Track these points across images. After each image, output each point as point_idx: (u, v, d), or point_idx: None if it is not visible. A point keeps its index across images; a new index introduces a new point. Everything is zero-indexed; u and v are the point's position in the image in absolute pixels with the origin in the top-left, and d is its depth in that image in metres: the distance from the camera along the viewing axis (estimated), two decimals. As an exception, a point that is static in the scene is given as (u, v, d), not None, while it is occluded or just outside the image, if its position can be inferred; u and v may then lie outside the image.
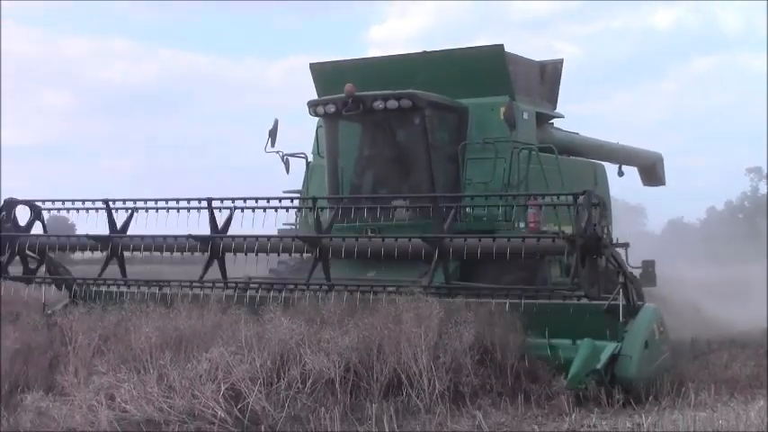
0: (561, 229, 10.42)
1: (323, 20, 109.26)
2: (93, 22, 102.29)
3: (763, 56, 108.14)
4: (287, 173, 13.31)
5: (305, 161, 13.46)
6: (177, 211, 10.68)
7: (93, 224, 11.06)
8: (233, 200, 10.42)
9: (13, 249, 11.18)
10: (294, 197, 11.25)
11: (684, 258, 22.87)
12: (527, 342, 8.84)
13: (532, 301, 9.25)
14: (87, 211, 11.16)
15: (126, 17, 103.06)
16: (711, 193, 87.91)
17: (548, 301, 9.33)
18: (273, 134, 12.98)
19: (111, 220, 10.87)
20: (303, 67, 14.03)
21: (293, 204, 10.78)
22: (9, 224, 11.31)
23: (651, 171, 17.56)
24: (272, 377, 7.92)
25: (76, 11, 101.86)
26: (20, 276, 11.34)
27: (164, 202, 10.78)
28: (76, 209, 11.30)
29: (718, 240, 33.94)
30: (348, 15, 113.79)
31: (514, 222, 11.76)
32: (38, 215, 11.47)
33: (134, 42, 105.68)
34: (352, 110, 11.79)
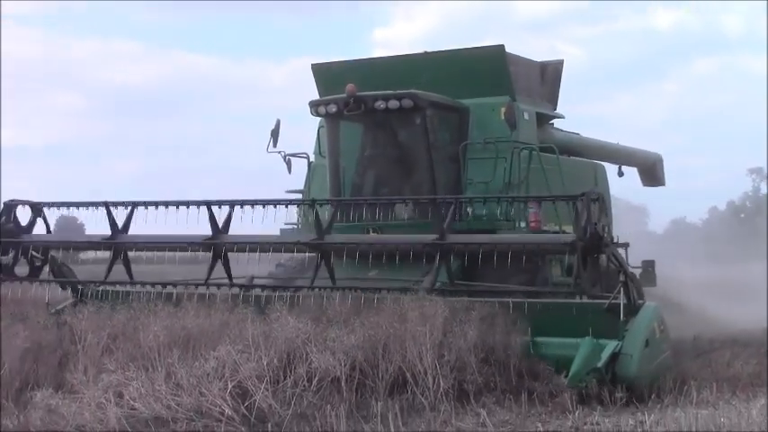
0: (562, 228, 10.46)
1: (327, 22, 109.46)
2: (98, 23, 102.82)
3: (764, 57, 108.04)
4: (289, 173, 13.31)
5: (307, 161, 13.43)
6: (177, 207, 10.62)
7: (102, 224, 11.01)
8: (231, 203, 10.38)
9: (16, 250, 11.19)
10: (295, 199, 11.26)
11: (686, 258, 22.88)
12: (527, 341, 8.83)
13: (535, 301, 9.24)
14: (88, 208, 11.12)
15: (130, 19, 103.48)
16: (713, 194, 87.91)
17: (551, 300, 9.33)
18: (275, 134, 12.96)
19: (112, 219, 10.84)
20: (307, 69, 13.90)
21: (290, 201, 10.76)
22: (11, 225, 11.27)
23: (651, 171, 17.48)
24: (278, 375, 7.93)
25: (81, 13, 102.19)
26: (23, 277, 11.32)
27: (164, 206, 10.73)
28: (76, 205, 11.29)
29: (720, 240, 33.92)
30: (352, 17, 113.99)
31: (515, 222, 11.75)
32: (37, 214, 11.42)
33: (138, 44, 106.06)
34: (354, 110, 11.77)
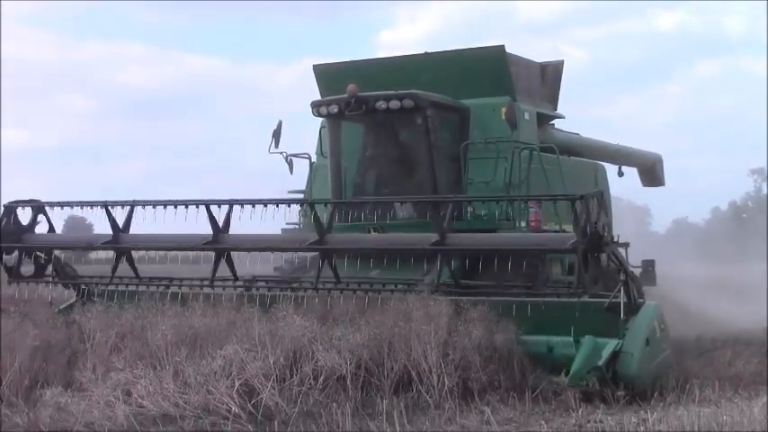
0: (563, 228, 10.42)
1: (332, 24, 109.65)
2: (106, 26, 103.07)
3: (764, 58, 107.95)
4: (291, 173, 13.23)
5: (308, 161, 13.34)
6: (175, 207, 10.47)
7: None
8: (230, 203, 10.28)
9: (20, 253, 11.17)
10: (292, 199, 11.22)
11: (687, 258, 22.80)
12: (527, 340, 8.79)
13: (538, 300, 9.21)
14: (92, 208, 10.98)
15: (138, 22, 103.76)
16: (716, 194, 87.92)
17: (555, 299, 9.30)
18: (277, 135, 12.89)
19: (112, 220, 10.74)
20: (311, 71, 13.85)
21: (288, 201, 10.70)
22: (11, 226, 11.13)
23: (650, 172, 17.35)
24: (284, 374, 7.93)
25: (89, 15, 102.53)
26: (29, 277, 11.31)
27: (162, 206, 10.60)
28: (71, 205, 11.19)
29: (721, 240, 33.80)
30: (359, 20, 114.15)
31: (515, 222, 11.68)
32: (38, 212, 11.28)
33: (146, 46, 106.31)
34: (355, 110, 11.69)
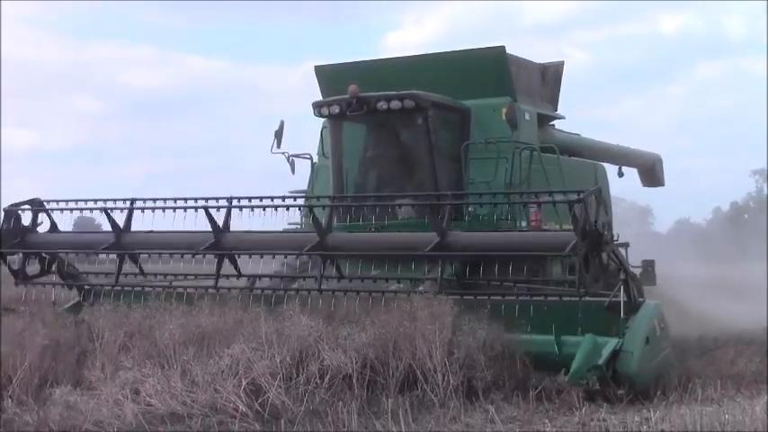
0: (563, 227, 10.40)
1: (338, 27, 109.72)
2: (114, 28, 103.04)
3: (764, 59, 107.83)
4: (292, 173, 13.20)
5: (310, 162, 13.31)
6: (174, 211, 10.52)
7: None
8: (229, 207, 10.28)
9: (24, 256, 11.18)
10: (290, 196, 11.18)
11: (688, 258, 22.77)
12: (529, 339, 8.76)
13: (540, 300, 9.21)
14: (92, 211, 11.11)
15: (145, 23, 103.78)
16: (718, 195, 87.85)
17: (556, 299, 9.28)
18: (279, 135, 12.86)
19: (113, 222, 10.74)
20: (317, 72, 13.83)
21: (286, 203, 10.56)
22: (13, 229, 11.13)
23: (650, 172, 17.29)
24: (291, 372, 7.94)
25: (97, 17, 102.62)
26: (34, 278, 11.32)
27: (162, 201, 10.65)
28: (70, 210, 11.25)
29: (722, 240, 33.78)
30: (364, 22, 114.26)
31: (516, 221, 11.64)
32: (39, 210, 11.30)
33: (153, 48, 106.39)
34: (356, 110, 11.66)
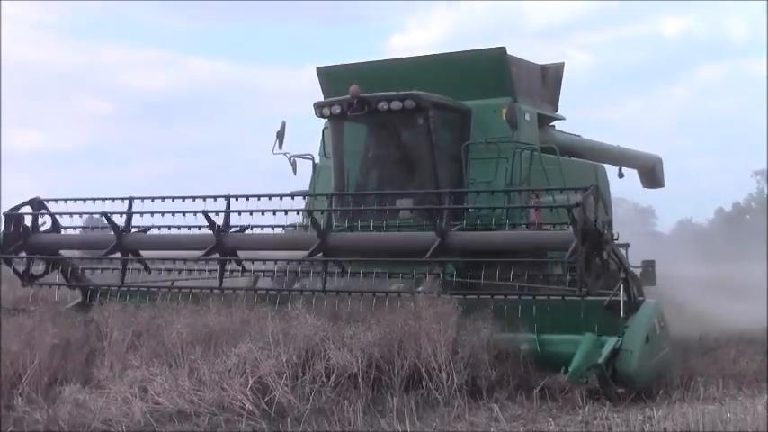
0: (563, 228, 10.34)
1: (345, 30, 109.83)
2: (130, 32, 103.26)
3: (764, 61, 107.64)
4: (294, 174, 13.11)
5: (311, 162, 13.22)
6: (173, 215, 10.51)
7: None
8: (227, 212, 10.25)
9: (29, 261, 11.18)
10: (296, 195, 11.14)
11: (690, 258, 22.65)
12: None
13: (543, 299, 9.18)
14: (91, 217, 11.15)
15: (153, 27, 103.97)
16: (721, 195, 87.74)
17: (558, 299, 9.23)
18: (281, 136, 12.78)
19: (113, 225, 10.72)
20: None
21: (285, 208, 10.39)
22: (14, 233, 11.06)
23: (651, 173, 17.06)
24: (297, 371, 7.95)
25: (108, 20, 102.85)
26: (41, 281, 11.30)
27: (160, 200, 10.63)
28: (69, 214, 11.22)
29: (723, 241, 33.66)
30: (370, 25, 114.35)
31: (516, 221, 11.56)
32: (40, 210, 11.25)
33: (167, 52, 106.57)
34: (357, 111, 11.60)
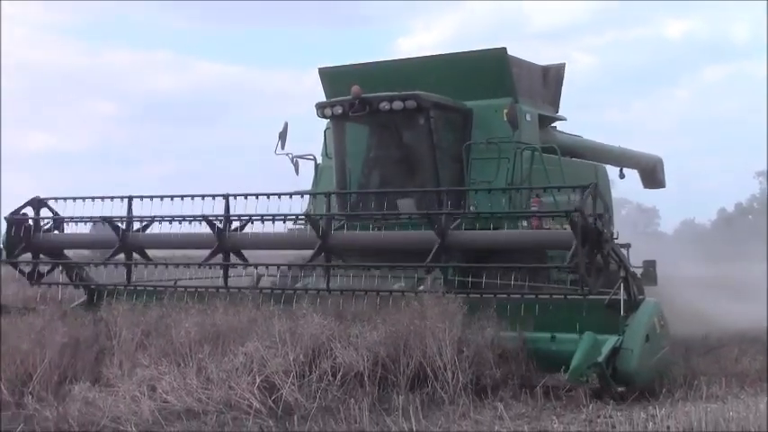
0: (564, 226, 10.34)
1: (352, 33, 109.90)
2: (138, 35, 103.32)
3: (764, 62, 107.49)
4: (296, 174, 13.08)
5: (314, 163, 13.20)
6: (170, 222, 10.52)
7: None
8: (227, 217, 10.25)
9: (33, 257, 11.21)
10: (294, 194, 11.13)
11: (690, 258, 22.59)
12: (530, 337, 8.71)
13: (546, 297, 9.15)
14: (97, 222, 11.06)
15: (169, 32, 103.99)
16: (723, 196, 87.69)
17: (560, 297, 9.23)
18: (283, 137, 12.76)
19: (114, 226, 10.72)
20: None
21: (284, 213, 10.26)
22: (16, 237, 11.05)
23: (651, 174, 17.01)
24: (304, 370, 7.96)
25: (122, 25, 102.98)
26: (49, 280, 11.32)
27: (159, 199, 10.60)
28: (83, 219, 11.16)
29: (724, 241, 33.60)
30: (376, 28, 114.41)
31: (517, 220, 11.49)
32: (40, 208, 11.23)
33: (175, 55, 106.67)
34: (359, 111, 11.58)
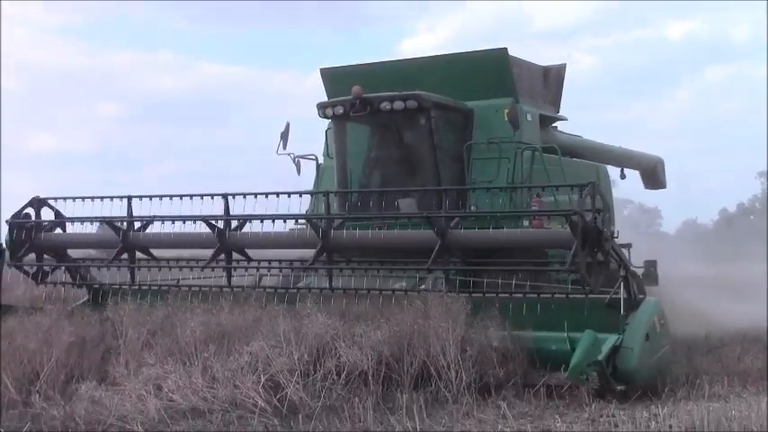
0: (564, 226, 10.32)
1: (357, 35, 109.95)
2: (138, 36, 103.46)
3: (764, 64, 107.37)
4: (298, 174, 13.02)
5: (315, 163, 13.13)
6: (172, 222, 10.50)
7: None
8: (227, 219, 10.21)
9: (38, 258, 11.17)
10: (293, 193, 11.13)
11: (692, 258, 22.54)
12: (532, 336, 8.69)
13: (548, 296, 9.14)
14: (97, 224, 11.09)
15: (170, 32, 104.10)
16: (726, 196, 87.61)
17: (561, 296, 9.21)
18: (285, 137, 12.71)
19: (115, 228, 10.69)
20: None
21: (285, 216, 10.25)
22: (17, 241, 10.99)
23: (652, 174, 16.86)
24: (308, 369, 7.96)
25: (122, 26, 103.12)
26: (54, 280, 11.32)
27: (158, 199, 10.57)
28: (69, 221, 11.20)
29: (725, 241, 33.54)
30: (380, 29, 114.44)
31: (518, 219, 11.31)
32: (41, 207, 11.20)
33: (177, 55, 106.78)
34: (360, 111, 11.53)
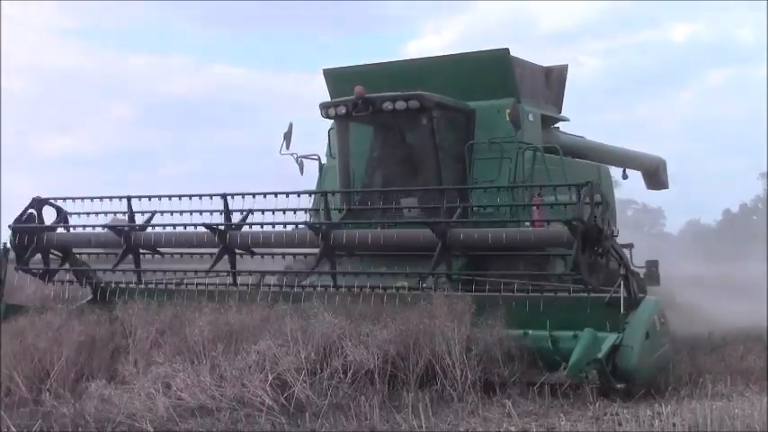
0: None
1: (363, 36, 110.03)
2: (153, 39, 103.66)
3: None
4: (301, 174, 12.99)
5: (318, 163, 13.11)
6: (173, 228, 10.52)
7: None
8: (227, 225, 10.23)
9: (44, 258, 11.18)
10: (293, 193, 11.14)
11: (694, 258, 22.54)
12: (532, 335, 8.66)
13: (550, 295, 9.09)
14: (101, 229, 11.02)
15: (182, 36, 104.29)
16: (728, 197, 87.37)
17: (566, 295, 9.15)
18: (288, 137, 12.67)
19: (118, 231, 10.71)
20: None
21: (286, 220, 10.20)
22: (20, 245, 11.00)
23: (654, 175, 16.80)
24: (315, 368, 7.96)
25: (138, 29, 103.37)
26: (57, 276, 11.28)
27: (157, 199, 10.61)
28: (70, 226, 11.18)
29: (725, 241, 33.54)
30: (386, 32, 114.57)
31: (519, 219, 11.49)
32: (42, 207, 11.19)
33: (189, 58, 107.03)
34: (362, 111, 11.50)
